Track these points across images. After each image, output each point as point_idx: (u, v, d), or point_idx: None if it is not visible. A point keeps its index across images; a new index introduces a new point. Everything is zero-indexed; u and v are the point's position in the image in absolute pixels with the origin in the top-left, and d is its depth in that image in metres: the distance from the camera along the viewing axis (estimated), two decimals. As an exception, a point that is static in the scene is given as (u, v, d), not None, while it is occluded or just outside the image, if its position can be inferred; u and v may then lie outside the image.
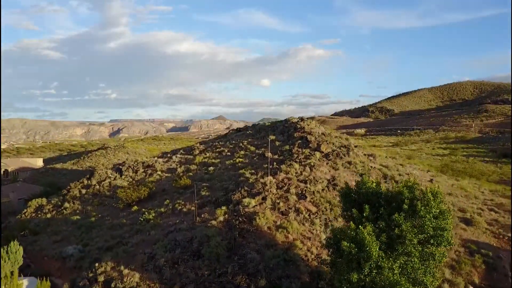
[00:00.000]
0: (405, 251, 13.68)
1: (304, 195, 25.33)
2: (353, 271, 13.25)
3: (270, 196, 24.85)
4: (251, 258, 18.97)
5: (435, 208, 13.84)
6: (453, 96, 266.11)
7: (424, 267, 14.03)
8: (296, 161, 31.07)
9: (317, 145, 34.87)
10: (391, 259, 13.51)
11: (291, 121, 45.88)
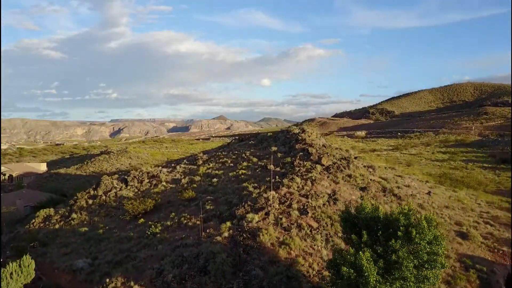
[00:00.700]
0: (401, 275, 14.61)
1: (306, 210, 26.18)
2: (352, 294, 14.19)
3: (273, 212, 25.71)
4: (255, 275, 19.84)
5: (429, 236, 14.76)
6: (453, 97, 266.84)
7: (419, 289, 14.94)
8: (297, 175, 31.95)
9: (318, 157, 35.77)
10: (387, 284, 14.45)
11: (293, 132, 46.71)
